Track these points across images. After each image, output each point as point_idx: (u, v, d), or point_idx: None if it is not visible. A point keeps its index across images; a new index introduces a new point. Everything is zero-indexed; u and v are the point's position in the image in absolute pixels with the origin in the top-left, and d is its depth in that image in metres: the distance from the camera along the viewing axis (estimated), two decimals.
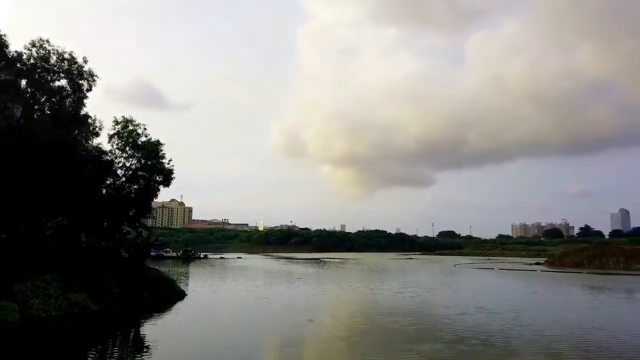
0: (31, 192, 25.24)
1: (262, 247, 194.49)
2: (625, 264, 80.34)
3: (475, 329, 22.45)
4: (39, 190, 25.49)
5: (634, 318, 28.30)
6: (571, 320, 25.71)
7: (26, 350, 18.09)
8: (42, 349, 18.35)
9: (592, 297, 40.61)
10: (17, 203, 25.29)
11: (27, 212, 26.47)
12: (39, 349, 18.32)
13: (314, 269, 76.49)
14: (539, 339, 20.36)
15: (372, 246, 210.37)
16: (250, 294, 38.01)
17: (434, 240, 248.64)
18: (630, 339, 21.08)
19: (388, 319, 25.35)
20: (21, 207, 25.64)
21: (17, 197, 25.12)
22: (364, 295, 38.24)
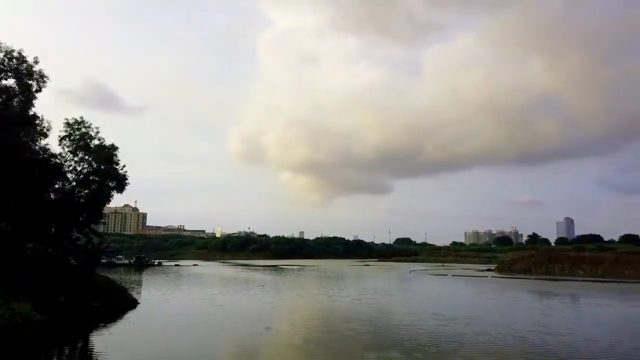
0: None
1: (220, 254, 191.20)
2: (569, 270, 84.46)
3: (431, 335, 22.89)
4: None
5: (581, 323, 29.65)
6: (522, 325, 26.62)
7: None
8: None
9: (540, 303, 42.30)
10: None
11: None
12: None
13: (272, 276, 75.94)
14: (492, 345, 20.96)
15: (330, 253, 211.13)
16: (206, 302, 37.28)
17: (391, 247, 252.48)
18: (578, 343, 22.08)
19: (345, 327, 25.43)
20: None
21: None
22: (322, 303, 38.29)
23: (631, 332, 26.66)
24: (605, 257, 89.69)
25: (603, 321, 30.50)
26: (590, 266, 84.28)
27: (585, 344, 21.65)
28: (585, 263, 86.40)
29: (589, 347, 20.95)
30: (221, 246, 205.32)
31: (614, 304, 41.18)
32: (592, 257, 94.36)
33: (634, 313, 35.40)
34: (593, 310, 36.14)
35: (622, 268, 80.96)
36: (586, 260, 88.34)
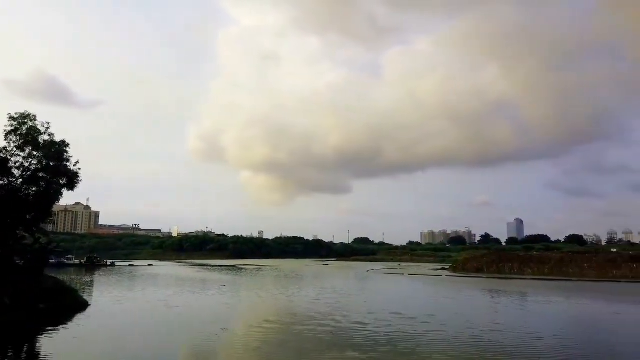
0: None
1: (176, 254, 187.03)
2: (519, 269, 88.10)
3: (389, 335, 23.24)
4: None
5: (530, 320, 30.89)
6: (478, 323, 27.52)
7: None
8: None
9: (493, 301, 43.94)
10: None
11: None
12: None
13: (230, 276, 75.12)
14: (448, 344, 21.54)
15: (289, 253, 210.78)
16: (161, 303, 36.45)
17: (350, 246, 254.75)
18: (527, 339, 23.08)
19: (303, 327, 25.48)
20: None
21: None
22: (280, 303, 38.27)
23: (576, 327, 28.26)
24: (552, 257, 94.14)
25: (550, 317, 31.99)
26: (537, 265, 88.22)
27: (534, 340, 22.63)
28: (533, 262, 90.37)
29: (537, 342, 21.93)
30: (178, 246, 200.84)
31: (560, 300, 43.31)
32: (540, 256, 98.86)
33: (578, 309, 37.33)
34: (541, 307, 37.84)
35: (566, 267, 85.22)
36: (534, 260, 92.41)
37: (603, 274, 79.45)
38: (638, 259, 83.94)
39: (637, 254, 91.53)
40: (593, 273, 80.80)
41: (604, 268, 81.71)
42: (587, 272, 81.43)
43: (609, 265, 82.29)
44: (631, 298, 46.10)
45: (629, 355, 20.62)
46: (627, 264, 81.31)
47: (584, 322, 30.96)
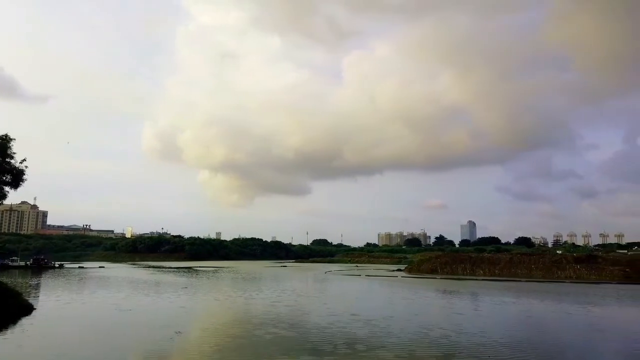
0: None
1: (129, 255, 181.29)
2: (471, 270, 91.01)
3: (349, 337, 23.36)
4: None
5: (482, 320, 32.07)
6: (436, 324, 28.27)
7: None
8: None
9: (449, 301, 45.14)
10: None
11: None
12: None
13: (186, 278, 73.65)
14: (408, 345, 21.94)
15: (247, 254, 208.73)
16: (112, 306, 35.33)
17: (308, 248, 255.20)
18: (482, 339, 23.95)
19: (261, 330, 25.21)
20: None
21: None
22: (238, 305, 37.88)
23: (526, 326, 29.55)
24: (502, 258, 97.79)
25: (501, 317, 33.38)
26: (488, 266, 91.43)
27: (485, 339, 23.54)
28: (484, 263, 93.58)
29: (488, 342, 22.81)
30: (131, 247, 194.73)
31: (510, 300, 45.08)
32: (490, 257, 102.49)
33: (527, 309, 38.97)
34: (492, 307, 39.31)
35: (515, 268, 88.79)
36: (485, 261, 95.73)
37: (549, 275, 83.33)
38: (581, 261, 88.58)
39: (580, 256, 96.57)
40: (540, 274, 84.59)
41: (549, 269, 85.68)
42: (534, 273, 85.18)
43: (555, 267, 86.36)
44: (575, 298, 48.59)
45: (577, 351, 21.76)
46: (571, 266, 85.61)
47: (533, 321, 32.39)
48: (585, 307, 39.40)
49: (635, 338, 25.83)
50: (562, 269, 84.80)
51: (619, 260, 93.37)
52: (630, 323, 32.67)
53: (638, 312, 37.57)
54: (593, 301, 44.95)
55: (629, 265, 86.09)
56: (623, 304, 43.30)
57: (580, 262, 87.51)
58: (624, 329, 30.01)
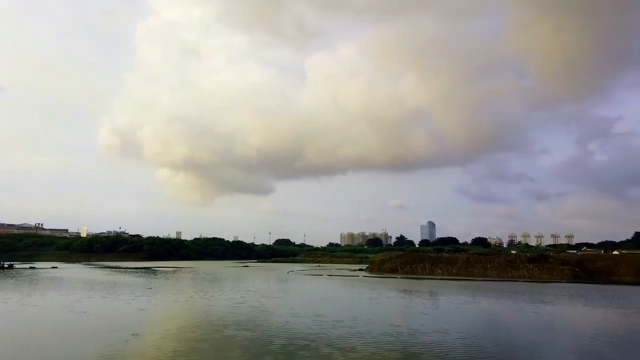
0: None
1: (85, 255, 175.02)
2: (430, 269, 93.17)
3: (315, 338, 23.30)
4: None
5: (441, 318, 32.90)
6: (401, 323, 28.80)
7: None
8: None
9: (408, 300, 45.98)
10: None
11: None
12: None
13: (144, 278, 71.83)
14: (375, 346, 22.18)
15: (209, 254, 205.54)
16: (65, 308, 34.05)
17: (271, 248, 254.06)
18: (442, 337, 24.56)
19: (222, 332, 24.89)
20: None
21: None
22: (198, 306, 37.26)
23: (482, 324, 30.49)
24: (459, 258, 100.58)
25: (458, 315, 34.29)
26: (447, 266, 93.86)
27: (444, 336, 24.18)
28: (443, 263, 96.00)
29: (447, 339, 23.44)
30: (87, 247, 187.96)
31: (467, 299, 46.43)
32: (449, 257, 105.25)
33: (483, 307, 40.22)
34: (450, 306, 40.44)
35: (472, 267, 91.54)
36: (443, 261, 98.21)
37: (503, 274, 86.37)
38: (534, 261, 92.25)
39: (533, 256, 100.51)
40: (495, 273, 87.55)
41: (504, 269, 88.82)
42: (490, 272, 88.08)
43: (509, 266, 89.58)
44: (528, 297, 50.53)
45: (529, 348, 22.63)
46: (525, 265, 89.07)
47: (489, 320, 33.53)
48: (537, 306, 41.09)
49: (584, 335, 27.17)
50: (516, 269, 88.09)
51: (568, 260, 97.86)
52: (579, 321, 34.27)
53: (587, 311, 39.46)
54: (545, 300, 46.92)
55: (578, 265, 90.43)
56: (573, 303, 45.38)
57: (533, 262, 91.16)
58: (573, 327, 31.50)
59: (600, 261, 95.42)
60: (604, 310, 39.55)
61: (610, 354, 22.21)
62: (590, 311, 39.05)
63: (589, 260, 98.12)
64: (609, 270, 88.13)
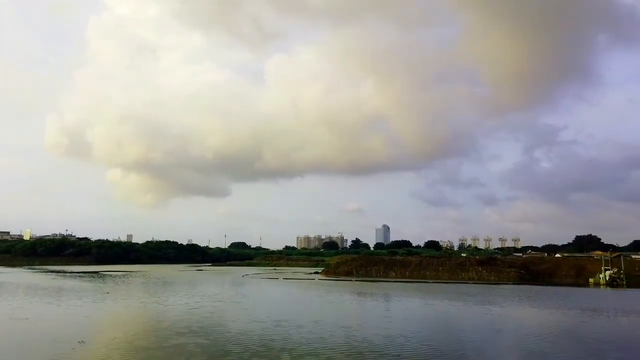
0: None
1: (28, 259, 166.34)
2: (384, 272, 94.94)
3: (273, 343, 23.06)
4: None
5: (396, 319, 33.57)
6: (364, 326, 29.16)
7: None
8: None
9: (365, 303, 46.67)
10: None
11: None
12: None
13: (92, 283, 69.06)
14: (328, 346, 22.39)
15: (161, 258, 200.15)
16: (4, 315, 32.26)
17: (226, 251, 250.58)
18: (396, 338, 25.06)
19: (174, 339, 24.12)
20: None
21: None
22: (149, 312, 36.18)
23: (434, 325, 31.38)
24: (412, 261, 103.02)
25: (411, 316, 35.14)
26: (400, 268, 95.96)
27: (398, 338, 24.72)
28: (396, 266, 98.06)
29: (399, 340, 23.99)
30: (30, 250, 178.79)
31: (419, 301, 47.70)
32: (402, 260, 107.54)
33: (432, 309, 41.37)
34: (403, 307, 41.46)
35: (424, 270, 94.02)
36: (397, 264, 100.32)
37: (454, 276, 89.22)
38: (482, 263, 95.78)
39: (482, 259, 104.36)
40: (446, 275, 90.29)
41: (455, 271, 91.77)
42: (441, 275, 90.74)
43: (459, 269, 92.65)
44: (477, 298, 52.42)
45: (476, 347, 23.49)
46: (474, 267, 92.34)
47: (439, 320, 34.48)
48: (486, 307, 42.75)
49: (528, 335, 28.56)
50: (465, 271, 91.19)
51: (515, 262, 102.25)
52: (525, 321, 35.90)
53: (532, 311, 41.43)
54: (493, 301, 48.85)
55: (523, 267, 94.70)
56: (519, 304, 47.48)
57: (482, 264, 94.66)
58: (520, 327, 32.96)
59: (543, 264, 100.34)
60: (549, 310, 41.64)
61: (554, 352, 23.44)
62: (536, 312, 41.02)
63: (534, 262, 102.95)
64: (552, 272, 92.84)
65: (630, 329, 32.48)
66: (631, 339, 27.99)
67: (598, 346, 24.58)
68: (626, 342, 26.64)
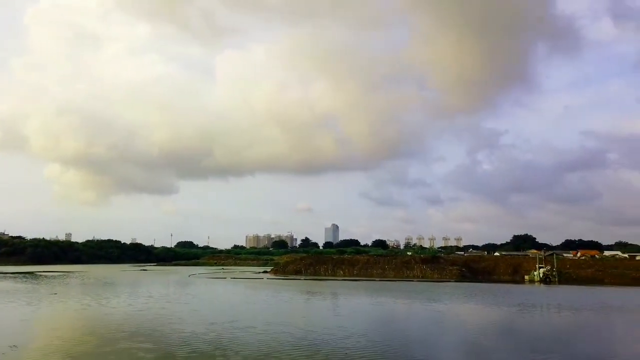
0: None
1: None
2: (332, 270, 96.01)
3: (225, 346, 22.52)
4: None
5: (343, 318, 34.01)
6: (320, 325, 29.29)
7: None
8: None
9: (314, 302, 46.94)
10: None
11: None
12: None
13: (26, 284, 65.19)
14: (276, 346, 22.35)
15: (102, 258, 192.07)
16: None
17: (172, 250, 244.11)
18: (343, 337, 25.41)
19: (117, 343, 22.96)
20: None
21: None
22: (90, 314, 34.54)
23: (380, 321, 32.13)
24: (360, 259, 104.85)
25: (358, 314, 35.80)
26: (348, 267, 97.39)
27: (345, 337, 25.11)
28: (344, 264, 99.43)
29: (348, 339, 24.38)
30: None
31: (366, 299, 48.63)
32: (350, 259, 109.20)
33: (379, 307, 42.31)
34: (351, 306, 42.21)
35: (371, 268, 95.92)
36: (345, 262, 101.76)
37: (400, 274, 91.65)
38: (427, 262, 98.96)
39: (426, 257, 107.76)
40: (392, 274, 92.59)
41: (400, 269, 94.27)
42: (388, 273, 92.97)
43: (405, 267, 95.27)
44: (421, 295, 54.12)
45: (421, 342, 24.26)
46: (419, 266, 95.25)
47: (386, 317, 35.38)
48: (430, 304, 44.30)
49: (470, 330, 29.94)
50: (410, 269, 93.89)
51: (457, 261, 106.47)
52: (467, 317, 37.50)
53: (473, 307, 43.39)
54: (437, 298, 50.67)
55: (465, 265, 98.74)
56: (461, 300, 49.48)
57: (426, 262, 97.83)
58: (462, 322, 34.36)
59: (483, 262, 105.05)
60: (489, 307, 43.74)
61: (494, 345, 24.74)
62: (477, 308, 42.96)
63: (474, 261, 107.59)
64: (491, 270, 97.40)
65: (561, 323, 34.73)
66: (562, 332, 29.99)
67: (533, 339, 26.16)
68: (558, 335, 28.56)
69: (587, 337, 28.60)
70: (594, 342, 26.61)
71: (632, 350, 24.35)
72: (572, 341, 26.65)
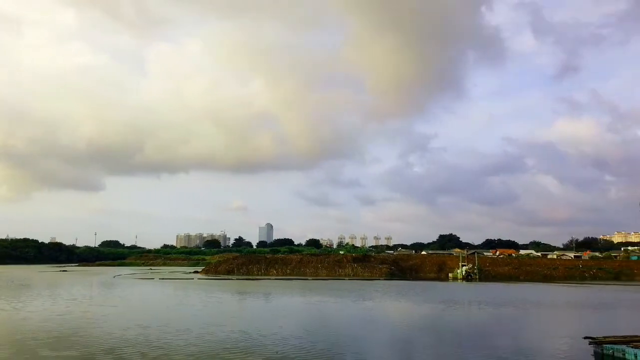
0: None
1: None
2: (265, 270, 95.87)
3: (157, 352, 21.99)
4: None
5: (277, 318, 34.24)
6: (261, 328, 29.04)
7: None
8: None
9: (242, 302, 46.74)
10: None
11: None
12: None
13: None
14: (209, 348, 22.10)
15: (17, 258, 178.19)
16: None
17: (96, 250, 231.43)
18: (278, 338, 25.60)
19: (33, 351, 21.45)
20: None
21: None
22: (2, 319, 32.34)
23: (312, 320, 32.62)
24: (293, 259, 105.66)
25: (290, 312, 36.21)
26: (281, 266, 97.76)
27: (279, 334, 25.26)
28: (278, 264, 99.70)
29: (278, 336, 24.56)
30: None
31: (297, 298, 49.18)
32: (283, 258, 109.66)
33: (312, 304, 42.99)
34: (281, 304, 42.56)
35: (304, 267, 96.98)
36: (278, 261, 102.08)
37: (332, 273, 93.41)
38: (358, 260, 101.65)
39: (357, 256, 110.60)
40: (325, 272, 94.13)
41: (333, 268, 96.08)
42: (320, 272, 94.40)
43: (337, 266, 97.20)
44: (352, 293, 55.55)
45: (352, 339, 25.02)
46: (350, 264, 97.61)
47: (319, 316, 35.98)
48: (360, 302, 45.70)
49: (398, 326, 31.37)
50: (342, 268, 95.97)
51: (386, 259, 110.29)
52: (396, 313, 39.18)
53: (401, 304, 45.39)
54: (367, 296, 52.31)
55: (394, 264, 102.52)
56: (391, 298, 51.47)
57: (358, 261, 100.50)
58: (391, 319, 35.87)
59: (411, 260, 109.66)
60: (415, 303, 45.91)
61: (420, 340, 26.16)
62: (404, 304, 44.93)
63: (403, 259, 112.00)
64: (418, 268, 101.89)
65: (481, 317, 37.27)
66: (486, 327, 32.31)
67: (444, 333, 28.21)
68: (478, 329, 30.72)
69: (510, 331, 30.74)
70: (517, 336, 28.56)
71: (552, 344, 26.52)
72: (496, 336, 28.64)
